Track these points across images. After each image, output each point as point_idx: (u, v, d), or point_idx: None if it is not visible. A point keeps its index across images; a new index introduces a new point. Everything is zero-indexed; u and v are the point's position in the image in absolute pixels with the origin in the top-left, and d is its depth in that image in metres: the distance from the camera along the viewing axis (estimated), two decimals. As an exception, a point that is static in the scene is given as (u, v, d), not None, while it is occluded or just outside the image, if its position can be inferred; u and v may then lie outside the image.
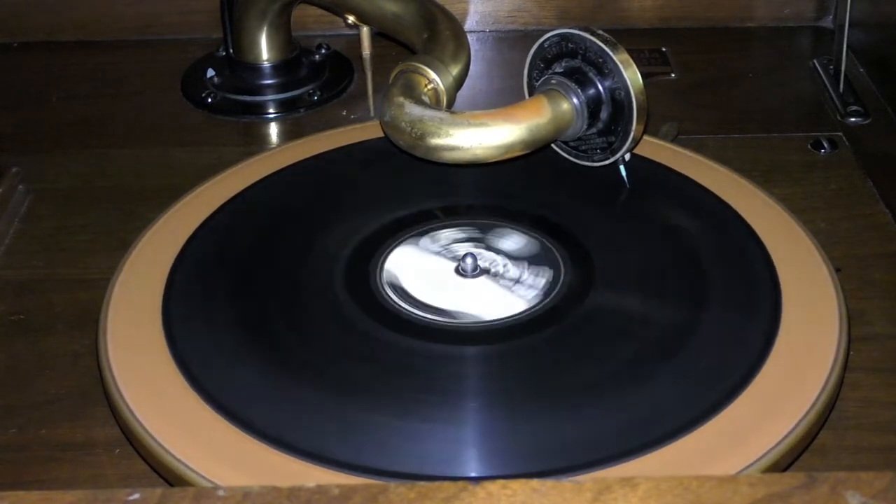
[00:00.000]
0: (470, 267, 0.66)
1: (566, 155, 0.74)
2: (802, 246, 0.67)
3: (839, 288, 0.64)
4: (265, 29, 0.89)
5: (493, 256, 0.68)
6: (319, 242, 0.69)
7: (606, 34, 0.69)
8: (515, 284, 0.66)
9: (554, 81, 0.70)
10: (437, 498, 0.40)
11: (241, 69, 0.91)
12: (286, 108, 0.89)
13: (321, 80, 0.92)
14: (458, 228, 0.70)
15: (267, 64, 0.90)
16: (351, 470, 0.53)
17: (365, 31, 0.84)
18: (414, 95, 0.70)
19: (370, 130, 0.78)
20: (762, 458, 0.54)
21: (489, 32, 1.00)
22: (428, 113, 0.68)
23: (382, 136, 0.72)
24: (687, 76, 0.93)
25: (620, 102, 0.69)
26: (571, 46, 0.70)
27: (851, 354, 0.62)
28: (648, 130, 0.73)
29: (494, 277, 0.66)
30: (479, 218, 0.71)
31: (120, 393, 0.58)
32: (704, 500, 0.40)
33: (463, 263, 0.66)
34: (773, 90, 0.92)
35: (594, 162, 0.73)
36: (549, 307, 0.64)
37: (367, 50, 0.84)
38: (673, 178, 0.73)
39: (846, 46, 0.88)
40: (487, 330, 0.62)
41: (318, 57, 0.95)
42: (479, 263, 0.67)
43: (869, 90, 0.89)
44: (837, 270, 0.66)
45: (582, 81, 0.69)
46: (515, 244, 0.69)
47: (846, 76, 0.89)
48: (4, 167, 0.80)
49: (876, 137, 0.85)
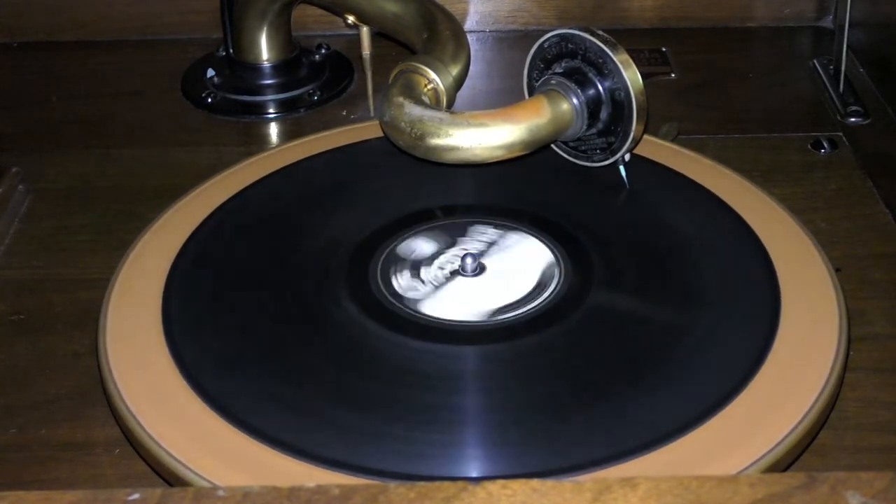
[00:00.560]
0: (470, 267, 0.66)
1: (566, 155, 0.74)
2: (802, 246, 0.67)
3: (839, 288, 0.64)
4: (265, 29, 0.89)
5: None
6: (319, 242, 0.69)
7: (606, 34, 0.69)
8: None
9: (554, 82, 0.70)
10: (437, 498, 0.40)
11: (241, 69, 0.91)
12: (286, 108, 0.89)
13: (321, 80, 0.92)
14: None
15: (267, 64, 0.90)
16: (351, 470, 0.53)
17: (365, 31, 0.84)
18: (414, 95, 0.70)
19: (370, 130, 0.78)
20: (762, 458, 0.54)
21: (489, 32, 1.00)
22: (428, 113, 0.68)
23: (382, 135, 0.72)
24: (687, 76, 0.93)
25: (620, 103, 0.69)
26: (571, 47, 0.70)
27: (851, 354, 0.62)
28: (648, 130, 0.73)
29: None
30: (479, 218, 0.71)
31: (120, 393, 0.58)
32: (704, 500, 0.40)
33: (463, 263, 0.66)
34: (773, 90, 0.92)
35: (594, 162, 0.73)
36: (548, 307, 0.64)
37: (367, 50, 0.84)
38: (673, 178, 0.73)
39: (846, 46, 0.88)
40: (487, 330, 0.62)
41: (318, 57, 0.95)
42: (478, 263, 0.67)
43: (869, 90, 0.89)
44: (837, 270, 0.66)
45: (582, 82, 0.69)
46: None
47: (846, 76, 0.89)
48: (4, 167, 0.80)
49: (876, 137, 0.84)
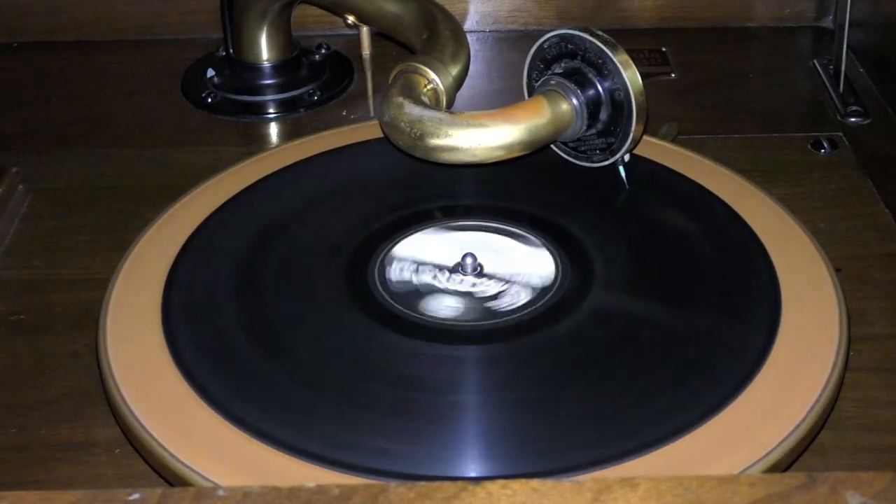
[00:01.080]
0: (469, 267, 0.66)
1: (565, 156, 0.74)
2: (802, 246, 0.67)
3: (839, 288, 0.64)
4: (265, 29, 0.89)
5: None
6: (319, 242, 0.69)
7: (606, 35, 0.69)
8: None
9: (553, 82, 0.70)
10: (437, 498, 0.40)
11: (241, 69, 0.91)
12: (286, 108, 0.89)
13: (321, 80, 0.92)
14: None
15: (267, 64, 0.90)
16: (351, 470, 0.53)
17: (365, 31, 0.84)
18: (413, 96, 0.70)
19: (370, 130, 0.78)
20: (762, 458, 0.54)
21: (489, 32, 1.00)
22: (427, 113, 0.68)
23: (382, 136, 0.72)
24: (687, 76, 0.93)
25: (620, 103, 0.69)
26: (571, 47, 0.70)
27: (851, 354, 0.62)
28: (648, 130, 0.72)
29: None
30: (478, 218, 0.71)
31: (120, 393, 0.58)
32: (704, 500, 0.40)
33: (462, 263, 0.66)
34: (773, 90, 0.92)
35: (593, 163, 0.73)
36: (548, 307, 0.64)
37: (367, 50, 0.84)
38: (673, 178, 0.73)
39: (846, 46, 0.88)
40: (487, 330, 0.62)
41: (318, 57, 0.95)
42: (478, 263, 0.67)
43: (869, 90, 0.89)
44: (837, 270, 0.66)
45: (581, 82, 0.69)
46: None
47: (846, 76, 0.89)
48: (4, 167, 0.80)
49: (876, 137, 0.84)
